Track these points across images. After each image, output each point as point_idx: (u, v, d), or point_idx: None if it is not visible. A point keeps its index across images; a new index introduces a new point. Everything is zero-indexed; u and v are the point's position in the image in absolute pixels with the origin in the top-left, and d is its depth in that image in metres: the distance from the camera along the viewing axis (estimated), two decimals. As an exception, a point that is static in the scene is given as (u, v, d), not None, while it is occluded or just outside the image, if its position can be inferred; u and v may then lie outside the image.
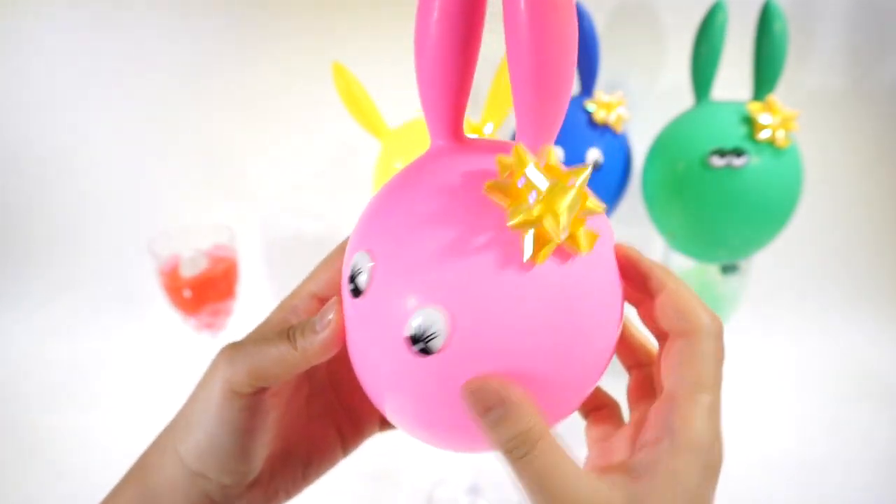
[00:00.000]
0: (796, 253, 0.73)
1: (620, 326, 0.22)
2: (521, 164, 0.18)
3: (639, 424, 0.21)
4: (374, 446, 0.63)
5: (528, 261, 0.18)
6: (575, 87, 0.60)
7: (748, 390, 0.69)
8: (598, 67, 0.58)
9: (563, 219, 0.18)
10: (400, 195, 0.21)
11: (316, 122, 0.74)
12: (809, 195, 0.54)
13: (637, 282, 0.22)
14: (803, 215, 0.55)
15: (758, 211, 0.51)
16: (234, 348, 0.24)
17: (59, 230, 0.82)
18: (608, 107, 0.56)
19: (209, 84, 0.73)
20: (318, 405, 0.30)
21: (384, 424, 0.32)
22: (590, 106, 0.57)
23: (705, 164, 0.50)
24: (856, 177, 0.72)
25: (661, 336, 0.22)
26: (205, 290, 0.61)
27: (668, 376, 0.20)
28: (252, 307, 0.72)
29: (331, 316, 0.22)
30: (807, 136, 0.52)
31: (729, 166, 0.49)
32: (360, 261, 0.20)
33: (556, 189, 0.18)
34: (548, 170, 0.18)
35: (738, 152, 0.49)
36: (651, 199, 0.58)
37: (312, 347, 0.22)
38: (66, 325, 0.83)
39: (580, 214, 0.18)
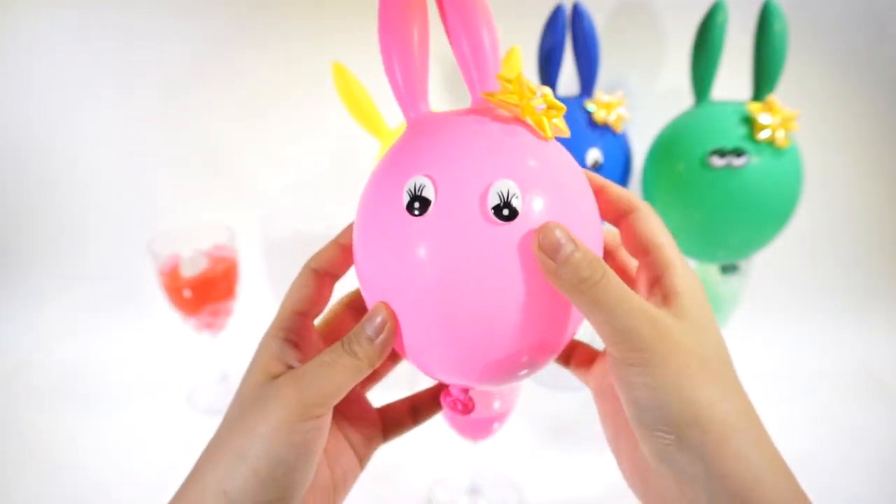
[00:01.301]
0: (796, 253, 0.73)
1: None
2: (519, 80, 0.25)
3: (645, 273, 0.27)
4: (374, 446, 0.62)
5: (545, 137, 0.25)
6: (575, 87, 0.60)
7: (747, 390, 0.69)
8: (598, 67, 0.58)
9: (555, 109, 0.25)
10: (413, 148, 0.25)
11: (316, 122, 0.74)
12: (809, 195, 0.54)
13: (598, 198, 0.28)
14: (803, 215, 0.55)
15: (758, 211, 0.51)
16: (297, 377, 0.25)
17: (59, 230, 0.82)
18: (608, 107, 0.56)
19: (210, 84, 0.73)
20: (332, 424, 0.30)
21: (387, 433, 0.33)
22: (590, 106, 0.57)
23: (705, 164, 0.50)
24: (856, 177, 0.72)
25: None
26: (205, 290, 0.62)
27: (633, 242, 0.27)
28: (252, 307, 0.73)
29: (379, 319, 0.24)
30: (807, 136, 0.52)
31: (729, 166, 0.49)
32: (416, 182, 0.23)
33: (546, 92, 0.26)
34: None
35: (738, 152, 0.49)
36: (651, 199, 0.58)
37: (375, 354, 0.25)
38: (66, 325, 0.83)
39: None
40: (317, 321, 0.30)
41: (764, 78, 0.51)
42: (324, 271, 0.28)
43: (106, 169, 0.79)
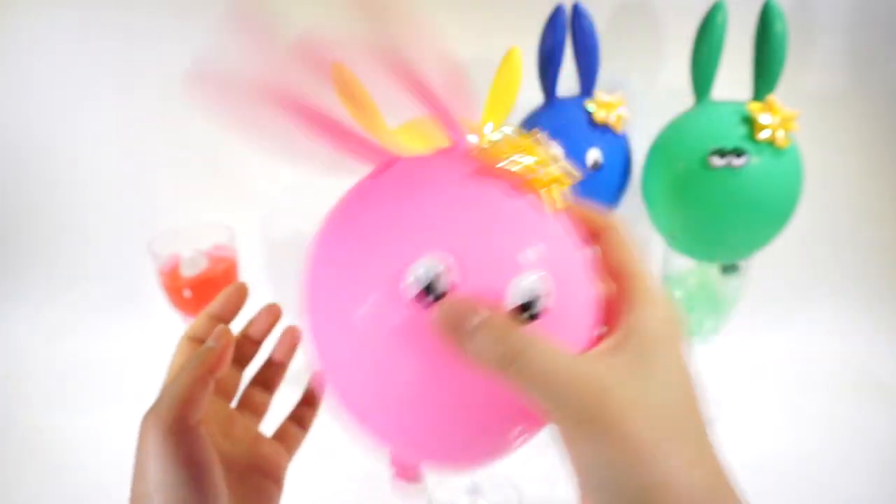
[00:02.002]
0: (796, 253, 0.73)
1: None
2: (528, 142, 0.22)
3: (614, 304, 0.24)
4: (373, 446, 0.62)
5: (555, 209, 0.22)
6: (575, 87, 0.60)
7: (748, 390, 0.69)
8: (598, 67, 0.58)
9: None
10: (406, 206, 0.21)
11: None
12: (809, 195, 0.54)
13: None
14: (803, 215, 0.55)
15: (758, 211, 0.51)
16: (151, 407, 0.27)
17: (59, 230, 0.82)
18: (608, 107, 0.56)
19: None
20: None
21: (290, 450, 0.34)
22: (590, 106, 0.56)
23: (705, 164, 0.50)
24: (856, 177, 0.72)
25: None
26: (205, 290, 0.61)
27: (607, 267, 0.24)
28: (252, 307, 0.73)
29: (220, 331, 0.27)
30: (807, 136, 0.52)
31: (729, 166, 0.49)
32: (428, 268, 0.19)
33: (558, 159, 0.22)
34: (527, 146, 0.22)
35: (738, 152, 0.49)
36: (651, 199, 0.58)
37: (214, 352, 0.27)
38: (66, 325, 0.83)
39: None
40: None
41: (764, 78, 0.51)
42: (201, 340, 0.30)
43: (106, 169, 0.79)
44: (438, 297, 0.19)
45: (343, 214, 0.24)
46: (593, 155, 0.56)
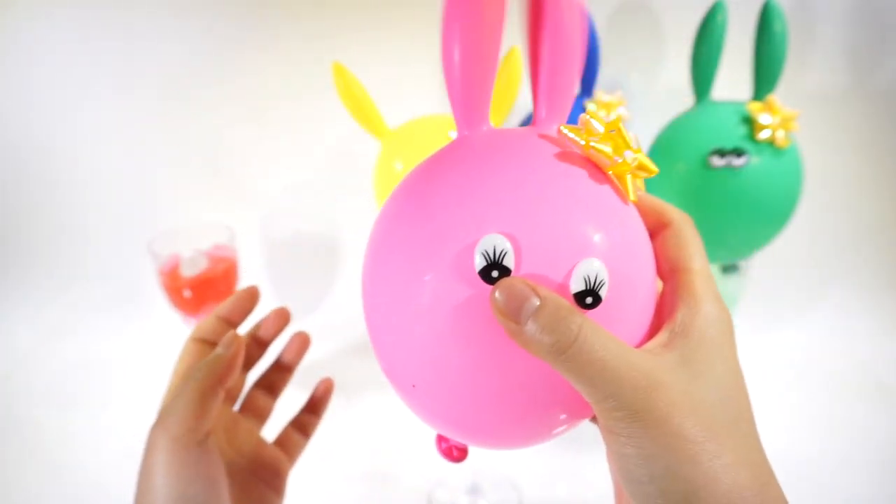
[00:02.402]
0: (796, 253, 0.73)
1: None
2: (617, 130, 0.22)
3: (667, 301, 0.23)
4: (374, 447, 0.63)
5: (629, 200, 0.22)
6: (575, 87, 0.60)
7: (748, 390, 0.69)
8: (598, 67, 0.58)
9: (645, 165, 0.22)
10: (486, 191, 0.20)
11: (316, 122, 0.74)
12: (809, 195, 0.54)
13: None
14: (803, 215, 0.55)
15: (758, 211, 0.51)
16: (158, 419, 0.26)
17: (59, 230, 0.82)
18: (608, 107, 0.56)
19: (210, 84, 0.73)
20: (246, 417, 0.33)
21: (292, 458, 0.35)
22: (590, 106, 0.56)
23: (705, 164, 0.50)
24: (856, 177, 0.72)
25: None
26: (205, 290, 0.61)
27: (664, 262, 0.24)
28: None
29: (230, 338, 0.27)
30: (807, 136, 0.52)
31: (729, 166, 0.49)
32: (495, 244, 0.19)
33: (639, 150, 0.22)
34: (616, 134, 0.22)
35: (738, 152, 0.49)
36: (651, 199, 0.58)
37: (223, 360, 0.27)
38: (66, 325, 0.83)
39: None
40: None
41: (764, 78, 0.51)
42: (208, 342, 0.30)
43: (106, 169, 0.79)
44: (503, 275, 0.19)
45: (416, 184, 0.23)
46: (593, 155, 0.56)
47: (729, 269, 0.57)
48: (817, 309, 0.78)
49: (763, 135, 0.48)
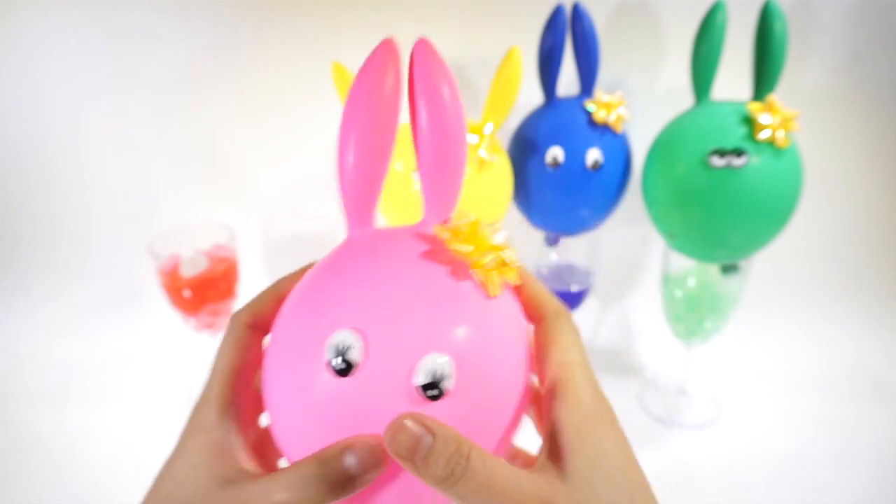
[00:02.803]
0: (796, 253, 0.73)
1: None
2: (474, 230, 0.23)
3: (545, 402, 0.23)
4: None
5: (491, 296, 0.23)
6: (575, 87, 0.60)
7: (747, 390, 0.69)
8: (598, 67, 0.58)
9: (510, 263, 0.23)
10: (345, 290, 0.23)
11: (316, 122, 0.74)
12: (809, 195, 0.54)
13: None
14: (803, 215, 0.55)
15: (758, 211, 0.51)
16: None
17: (59, 230, 0.82)
18: (608, 107, 0.56)
19: (209, 84, 0.73)
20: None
21: None
22: (590, 106, 0.56)
23: (705, 165, 0.50)
24: (856, 177, 0.72)
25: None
26: (205, 290, 0.61)
27: (538, 356, 0.24)
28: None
29: (373, 452, 0.21)
30: (807, 136, 0.52)
31: (729, 166, 0.49)
32: (342, 339, 0.21)
33: (502, 246, 0.23)
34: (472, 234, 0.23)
35: (738, 152, 0.49)
36: (651, 200, 0.58)
37: (365, 479, 0.21)
38: (66, 325, 0.83)
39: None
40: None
41: (764, 78, 0.51)
42: (260, 326, 0.26)
43: (106, 169, 0.79)
44: (351, 368, 0.21)
45: (301, 286, 0.25)
46: (593, 155, 0.56)
47: (729, 269, 0.57)
48: (817, 309, 0.78)
49: (763, 135, 0.48)
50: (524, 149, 0.59)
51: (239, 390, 0.24)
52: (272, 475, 0.21)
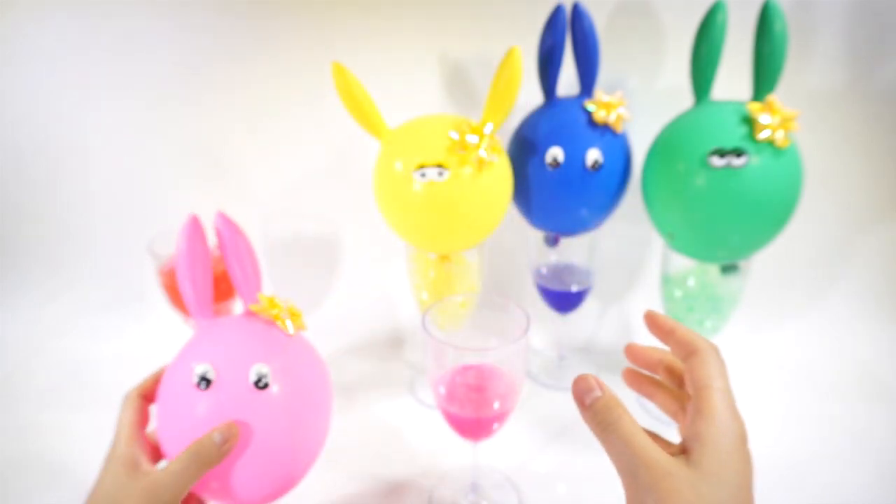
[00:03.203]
0: (796, 253, 0.73)
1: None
2: (272, 301, 0.43)
3: (690, 413, 0.29)
4: (375, 446, 0.63)
5: (293, 334, 0.42)
6: (575, 87, 0.60)
7: (747, 390, 0.69)
8: (598, 67, 0.58)
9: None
10: (201, 344, 0.41)
11: (316, 122, 0.74)
12: (809, 195, 0.54)
13: (669, 338, 0.32)
14: (803, 215, 0.55)
15: (758, 211, 0.51)
16: (150, 486, 0.35)
17: (59, 230, 0.82)
18: (608, 107, 0.56)
19: (209, 84, 0.73)
20: None
21: None
22: (590, 106, 0.57)
23: (705, 165, 0.50)
24: (856, 177, 0.72)
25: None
26: (205, 290, 0.61)
27: (689, 381, 0.30)
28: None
29: (227, 430, 0.36)
30: (807, 136, 0.52)
31: (729, 166, 0.49)
32: (204, 369, 0.37)
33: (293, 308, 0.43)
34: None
35: (737, 152, 0.49)
36: (651, 199, 0.58)
37: (223, 451, 0.36)
38: (66, 325, 0.83)
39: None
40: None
41: (764, 78, 0.51)
42: (146, 397, 0.41)
43: (106, 169, 0.79)
44: (209, 383, 0.37)
45: (178, 354, 0.41)
46: (593, 155, 0.56)
47: (729, 269, 0.57)
48: (817, 309, 0.78)
49: (763, 135, 0.48)
50: (524, 149, 0.59)
51: (138, 434, 0.39)
52: (168, 462, 0.36)
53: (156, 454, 0.40)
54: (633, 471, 0.26)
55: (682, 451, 0.27)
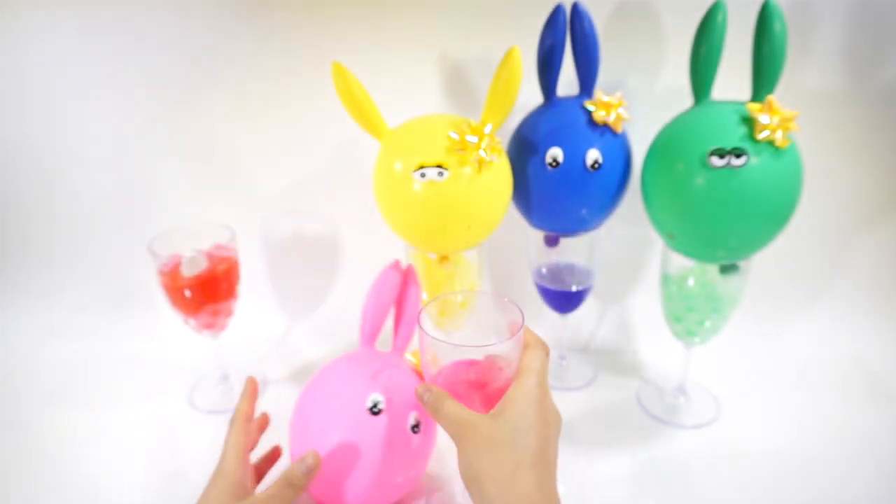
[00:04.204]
0: (796, 253, 0.73)
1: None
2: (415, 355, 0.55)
3: None
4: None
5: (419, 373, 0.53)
6: (575, 87, 0.60)
7: (747, 390, 0.69)
8: (598, 67, 0.58)
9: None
10: (366, 367, 0.51)
11: (316, 122, 0.74)
12: (809, 195, 0.54)
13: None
14: (803, 215, 0.55)
15: (758, 211, 0.51)
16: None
17: (60, 230, 0.82)
18: (608, 107, 0.56)
19: (210, 84, 0.73)
20: None
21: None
22: (590, 106, 0.57)
23: (705, 165, 0.50)
24: (856, 177, 0.72)
25: None
26: (205, 290, 0.62)
27: (519, 367, 0.40)
28: (252, 307, 0.73)
29: (311, 461, 0.44)
30: (807, 136, 0.52)
31: (728, 166, 0.49)
32: (376, 399, 0.48)
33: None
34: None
35: (737, 152, 0.49)
36: (651, 199, 0.58)
37: (306, 484, 0.44)
38: (66, 325, 0.83)
39: None
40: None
41: (764, 78, 0.51)
42: (250, 418, 0.48)
43: (106, 169, 0.79)
44: (379, 411, 0.47)
45: (328, 374, 0.51)
46: (593, 155, 0.56)
47: (729, 269, 0.57)
48: (817, 309, 0.78)
49: (762, 135, 0.48)
50: (524, 149, 0.59)
51: (245, 457, 0.45)
52: (266, 488, 0.44)
53: (257, 477, 0.49)
54: (455, 432, 0.37)
55: (496, 409, 0.38)
